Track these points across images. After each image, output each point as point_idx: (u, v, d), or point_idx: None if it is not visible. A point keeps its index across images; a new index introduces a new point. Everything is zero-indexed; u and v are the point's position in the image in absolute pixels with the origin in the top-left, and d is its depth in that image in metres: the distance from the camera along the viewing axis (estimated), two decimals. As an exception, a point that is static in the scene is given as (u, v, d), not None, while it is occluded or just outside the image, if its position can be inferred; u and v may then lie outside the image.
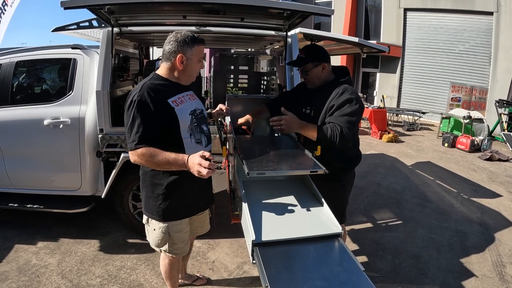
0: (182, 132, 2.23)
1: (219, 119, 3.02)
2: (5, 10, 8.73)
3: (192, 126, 2.29)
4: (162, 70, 2.30)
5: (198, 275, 3.35)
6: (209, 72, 6.01)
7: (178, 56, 2.20)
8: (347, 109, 2.47)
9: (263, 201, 2.21)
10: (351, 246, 4.01)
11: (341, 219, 2.79)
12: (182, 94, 2.32)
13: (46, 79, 4.45)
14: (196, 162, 1.97)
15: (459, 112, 11.46)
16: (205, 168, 1.94)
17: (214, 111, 2.80)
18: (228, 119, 2.90)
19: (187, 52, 2.20)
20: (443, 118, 12.13)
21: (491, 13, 13.64)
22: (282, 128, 2.45)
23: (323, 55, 2.70)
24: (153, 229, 2.44)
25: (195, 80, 2.49)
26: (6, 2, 8.74)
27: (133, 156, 2.12)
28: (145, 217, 2.48)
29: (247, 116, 2.92)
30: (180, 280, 3.17)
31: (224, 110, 2.76)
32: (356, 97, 2.52)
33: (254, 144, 2.83)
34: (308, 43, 4.38)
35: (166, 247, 2.46)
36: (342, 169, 2.80)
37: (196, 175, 2.00)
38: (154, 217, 2.39)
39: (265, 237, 1.83)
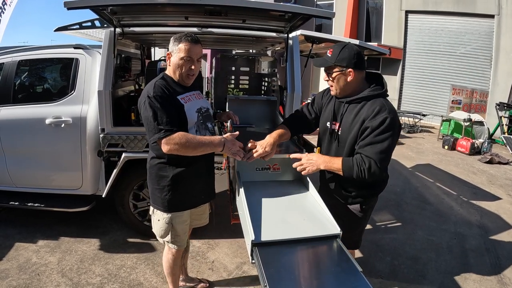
0: (189, 129, 2.34)
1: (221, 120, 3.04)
2: (4, 10, 8.77)
3: (199, 123, 2.42)
4: (167, 69, 2.43)
5: (199, 278, 3.35)
6: (210, 73, 6.02)
7: (167, 54, 2.37)
8: (381, 135, 2.13)
9: (262, 202, 2.23)
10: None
11: (357, 245, 2.68)
12: (190, 93, 2.45)
13: (48, 78, 4.47)
14: (237, 144, 2.27)
15: (460, 115, 11.46)
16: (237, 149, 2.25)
17: (222, 114, 2.90)
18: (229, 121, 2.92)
19: (172, 49, 2.31)
20: (443, 120, 12.13)
21: (492, 16, 13.64)
22: (307, 169, 2.27)
23: (353, 59, 2.22)
24: (158, 220, 2.54)
25: (196, 81, 2.52)
26: (6, 1, 8.78)
27: (168, 144, 2.16)
28: (151, 209, 2.59)
29: (270, 142, 2.35)
30: (181, 283, 3.18)
31: (234, 121, 2.84)
32: (393, 117, 2.15)
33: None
34: (309, 45, 4.41)
35: (168, 237, 2.55)
36: (366, 195, 2.45)
37: (230, 155, 2.28)
38: (159, 208, 2.49)
39: (265, 237, 1.85)
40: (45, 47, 4.25)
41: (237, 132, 2.35)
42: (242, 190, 2.20)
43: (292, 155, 2.37)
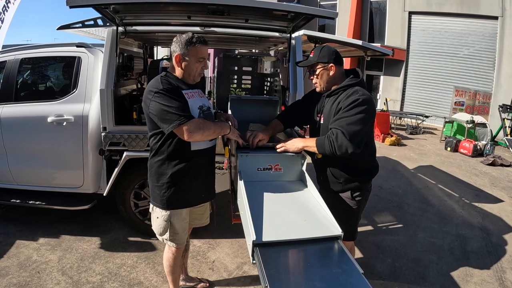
0: None
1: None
2: (8, 8, 8.79)
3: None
4: (171, 68, 2.49)
5: (199, 278, 3.35)
6: (213, 72, 6.02)
7: (175, 56, 2.36)
8: (350, 110, 2.31)
9: (264, 202, 2.22)
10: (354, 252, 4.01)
11: (352, 236, 2.73)
12: (192, 90, 2.50)
13: (50, 76, 4.48)
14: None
15: (462, 117, 11.43)
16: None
17: (222, 115, 2.82)
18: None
19: (183, 52, 2.33)
20: (446, 122, 12.11)
21: (495, 18, 13.62)
22: (288, 148, 2.47)
23: (332, 55, 2.50)
24: (156, 217, 2.56)
25: (199, 80, 2.53)
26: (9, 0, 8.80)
27: (188, 129, 2.21)
28: (151, 206, 2.60)
29: (263, 136, 2.58)
30: (182, 283, 3.17)
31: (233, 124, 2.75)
32: (366, 98, 2.35)
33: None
34: (312, 45, 4.40)
35: (167, 235, 2.56)
36: (354, 182, 2.60)
37: (235, 137, 2.45)
38: (158, 205, 2.51)
39: (266, 237, 1.84)
40: (48, 46, 4.26)
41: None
42: (243, 190, 2.20)
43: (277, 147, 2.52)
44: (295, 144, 2.47)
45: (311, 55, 2.57)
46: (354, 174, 2.57)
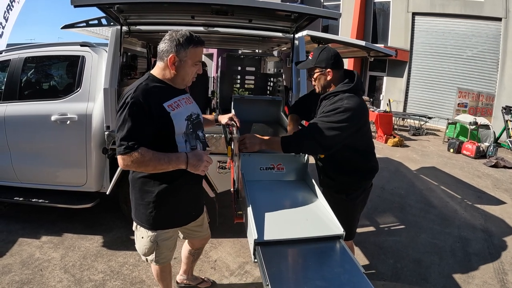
0: (177, 138, 2.13)
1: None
2: (12, 7, 8.83)
3: (188, 132, 2.18)
4: (156, 70, 2.16)
5: (203, 278, 3.34)
6: (216, 72, 6.03)
7: (170, 56, 2.05)
8: (330, 115, 2.33)
9: (266, 201, 2.22)
10: (354, 251, 4.01)
11: (348, 236, 2.66)
12: (178, 97, 2.19)
13: (54, 75, 4.50)
14: (204, 158, 2.09)
15: (466, 118, 11.40)
16: (205, 164, 2.09)
17: (223, 119, 2.70)
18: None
19: (180, 53, 2.05)
20: (449, 123, 12.09)
21: (499, 19, 13.58)
22: (246, 147, 2.44)
23: (331, 60, 2.47)
24: (141, 237, 2.34)
25: (202, 80, 2.51)
26: None
27: (125, 161, 1.96)
28: (134, 224, 2.38)
29: (290, 128, 2.76)
30: (185, 281, 3.19)
31: (236, 123, 2.66)
32: (349, 107, 2.32)
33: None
34: (315, 45, 4.40)
35: (152, 256, 2.38)
36: (349, 183, 2.65)
37: (199, 170, 2.09)
38: (143, 225, 2.29)
39: (267, 236, 1.84)
40: (52, 45, 4.29)
41: (209, 149, 2.27)
42: (246, 190, 2.21)
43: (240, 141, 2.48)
44: (254, 144, 2.45)
45: (310, 57, 2.57)
46: (349, 175, 2.62)
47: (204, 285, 3.26)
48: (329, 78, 2.50)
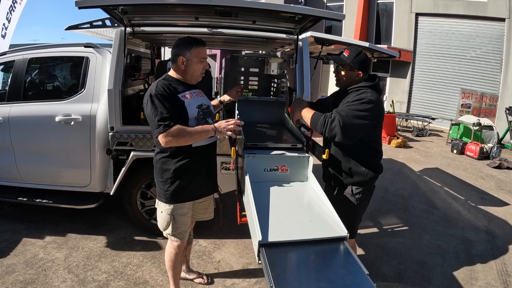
0: (190, 123, 2.52)
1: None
2: (15, 8, 8.88)
3: (199, 118, 2.58)
4: (171, 71, 2.64)
5: (200, 272, 3.39)
6: (220, 73, 6.03)
7: (179, 58, 2.53)
8: (355, 104, 2.48)
9: (270, 203, 2.23)
10: (356, 250, 4.01)
11: (351, 234, 2.78)
12: (190, 91, 2.63)
13: (58, 76, 4.52)
14: (223, 122, 2.47)
15: (469, 119, 11.38)
16: (229, 124, 2.44)
17: (225, 97, 3.19)
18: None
19: (185, 54, 2.51)
20: (452, 124, 12.06)
21: (503, 20, 13.55)
22: (295, 111, 2.84)
23: (364, 64, 2.68)
24: (161, 212, 2.68)
25: (205, 80, 2.59)
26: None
27: (166, 137, 2.35)
28: (156, 201, 2.73)
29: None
30: (182, 274, 3.22)
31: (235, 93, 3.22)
32: (373, 99, 2.51)
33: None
34: (319, 46, 4.40)
35: (170, 229, 2.68)
36: (356, 177, 2.69)
37: (226, 131, 2.45)
38: (162, 200, 2.65)
39: (272, 238, 1.85)
40: (56, 45, 4.30)
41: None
42: (250, 191, 2.21)
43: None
44: (302, 111, 2.77)
45: (345, 54, 2.69)
46: (356, 170, 2.68)
47: (199, 281, 3.31)
48: (356, 78, 2.69)
